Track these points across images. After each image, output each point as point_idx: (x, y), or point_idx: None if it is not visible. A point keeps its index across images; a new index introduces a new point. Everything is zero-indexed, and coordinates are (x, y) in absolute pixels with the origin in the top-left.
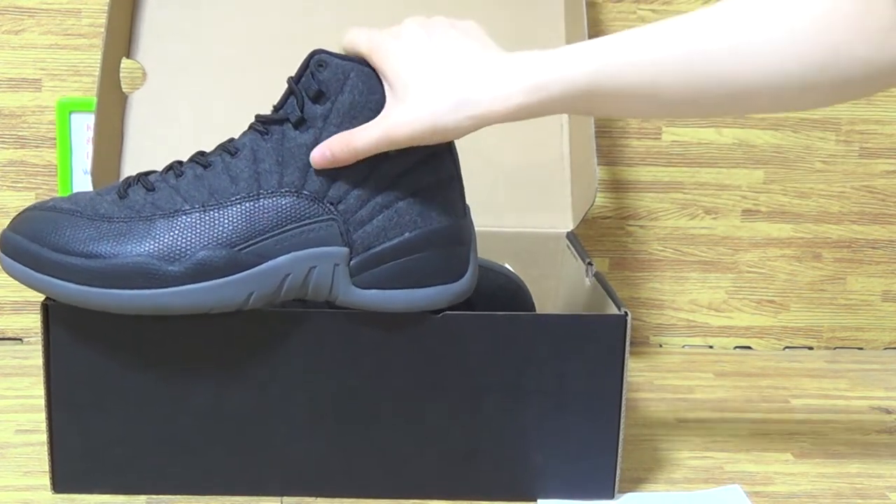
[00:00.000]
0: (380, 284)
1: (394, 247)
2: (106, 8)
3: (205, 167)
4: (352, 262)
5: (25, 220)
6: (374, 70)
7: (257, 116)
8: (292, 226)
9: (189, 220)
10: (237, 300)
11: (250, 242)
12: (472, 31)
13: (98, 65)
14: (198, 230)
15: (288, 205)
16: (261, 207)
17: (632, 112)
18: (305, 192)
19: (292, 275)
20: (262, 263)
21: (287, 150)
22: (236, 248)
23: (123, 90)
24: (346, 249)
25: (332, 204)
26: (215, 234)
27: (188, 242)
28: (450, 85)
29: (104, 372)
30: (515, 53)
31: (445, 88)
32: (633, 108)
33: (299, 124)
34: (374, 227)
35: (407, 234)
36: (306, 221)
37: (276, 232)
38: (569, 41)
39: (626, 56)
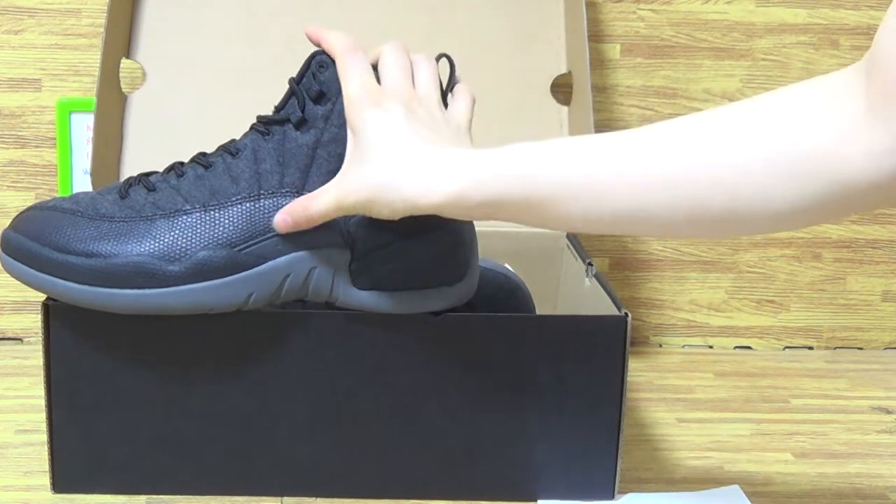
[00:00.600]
0: (380, 286)
1: (394, 248)
2: (106, 8)
3: (206, 167)
4: (352, 264)
5: (26, 220)
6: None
7: (259, 117)
8: None
9: (189, 220)
10: (237, 301)
11: (251, 243)
12: (457, 117)
13: (98, 65)
14: (198, 230)
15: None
16: (261, 208)
17: (577, 225)
18: (306, 193)
19: (292, 276)
20: (262, 264)
21: (288, 150)
22: (236, 249)
23: (123, 90)
24: (346, 251)
25: None
26: (216, 235)
27: (188, 242)
28: (395, 168)
29: (105, 372)
30: (461, 150)
31: (391, 169)
32: (579, 222)
33: (300, 125)
34: (374, 229)
35: (407, 236)
36: None
37: (277, 233)
38: (569, 41)
39: (566, 167)
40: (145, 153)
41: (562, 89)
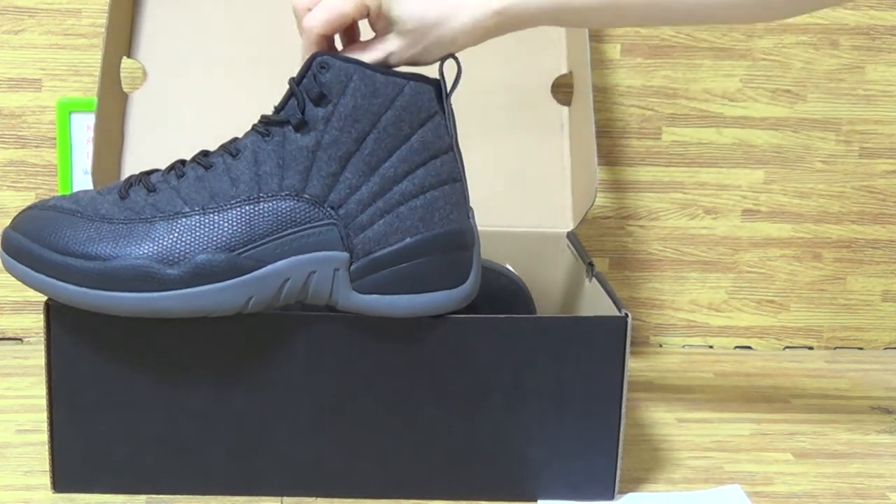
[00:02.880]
0: (381, 289)
1: (395, 252)
2: (106, 8)
3: (206, 168)
4: (352, 267)
5: (26, 219)
6: (376, 73)
7: (261, 117)
8: (292, 230)
9: (189, 222)
10: (236, 304)
11: (250, 246)
12: None
13: (98, 65)
14: (197, 233)
15: (288, 209)
16: (261, 211)
17: (593, 20)
18: (306, 196)
19: (292, 279)
20: (261, 268)
21: (288, 152)
22: (236, 252)
23: (123, 90)
24: (346, 254)
25: (332, 208)
26: (215, 238)
27: (187, 245)
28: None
29: (105, 372)
30: None
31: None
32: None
33: (300, 127)
34: (374, 232)
35: (408, 240)
36: (306, 226)
37: (276, 236)
38: (569, 41)
39: None
40: (145, 153)
41: (562, 89)
